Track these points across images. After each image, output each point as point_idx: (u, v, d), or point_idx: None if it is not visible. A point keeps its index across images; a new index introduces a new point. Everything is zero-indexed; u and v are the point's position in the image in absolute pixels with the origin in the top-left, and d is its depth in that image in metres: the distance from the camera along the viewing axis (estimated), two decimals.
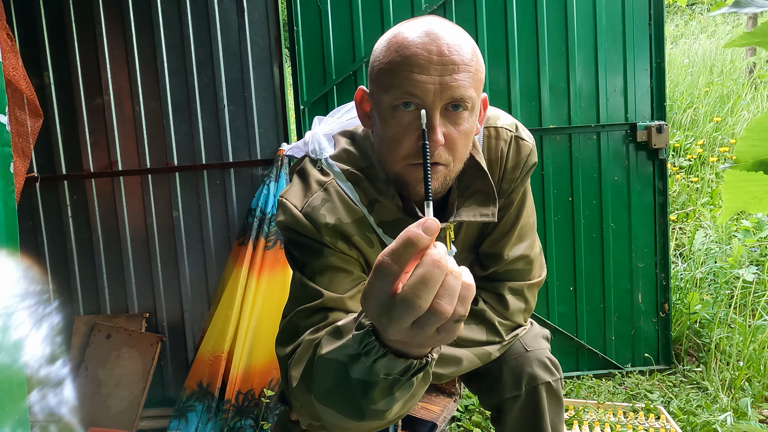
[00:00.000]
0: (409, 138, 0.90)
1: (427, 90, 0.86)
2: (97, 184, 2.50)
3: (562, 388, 1.16)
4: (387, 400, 0.68)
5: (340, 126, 1.13)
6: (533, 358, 1.14)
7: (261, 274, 2.31)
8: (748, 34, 0.61)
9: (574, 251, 2.46)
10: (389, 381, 0.66)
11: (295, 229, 0.99)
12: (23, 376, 0.99)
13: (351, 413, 0.72)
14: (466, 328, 1.11)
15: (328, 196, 1.00)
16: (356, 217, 1.00)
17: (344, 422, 0.75)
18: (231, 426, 2.21)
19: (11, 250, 1.00)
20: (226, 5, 2.41)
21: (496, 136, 1.09)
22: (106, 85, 2.46)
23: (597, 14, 2.38)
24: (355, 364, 0.67)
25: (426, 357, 0.66)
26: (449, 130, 0.90)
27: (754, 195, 0.69)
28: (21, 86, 1.90)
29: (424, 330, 0.57)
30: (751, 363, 2.29)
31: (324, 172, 1.03)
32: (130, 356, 2.38)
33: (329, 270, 0.97)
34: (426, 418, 2.01)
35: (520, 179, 1.11)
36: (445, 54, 0.86)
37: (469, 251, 1.18)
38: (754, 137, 0.64)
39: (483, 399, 1.22)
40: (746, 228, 3.09)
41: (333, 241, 0.98)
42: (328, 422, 0.78)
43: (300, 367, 0.85)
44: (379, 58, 0.92)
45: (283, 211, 1.00)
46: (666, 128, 2.39)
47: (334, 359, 0.71)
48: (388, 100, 0.89)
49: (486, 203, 1.02)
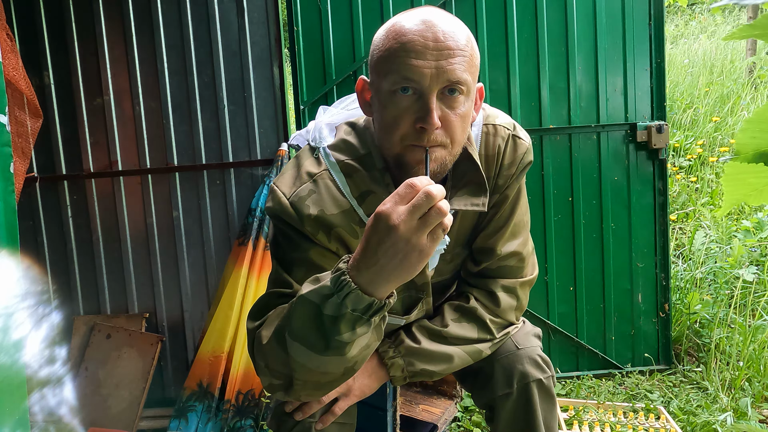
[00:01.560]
0: (407, 121, 0.93)
1: (423, 74, 0.90)
2: (97, 184, 2.50)
3: (554, 386, 1.17)
4: (349, 333, 0.82)
5: (344, 116, 1.15)
6: (524, 356, 1.15)
7: (261, 274, 2.31)
8: (747, 27, 0.61)
9: (574, 251, 2.46)
10: (354, 316, 0.80)
11: (281, 216, 1.03)
12: (23, 376, 1.00)
13: (317, 346, 0.85)
14: (457, 326, 1.14)
15: (315, 188, 1.03)
16: (342, 209, 1.03)
17: (309, 358, 0.86)
18: (231, 426, 2.21)
19: (11, 250, 1.01)
20: (226, 5, 2.41)
21: (494, 133, 1.12)
22: (106, 85, 2.46)
23: (597, 14, 2.38)
24: (328, 301, 0.81)
25: (385, 300, 0.82)
26: (445, 113, 0.93)
27: (754, 187, 0.70)
28: (21, 86, 1.90)
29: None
30: (751, 363, 2.29)
31: (318, 162, 1.06)
32: (130, 356, 2.38)
33: (306, 264, 1.02)
34: (426, 420, 2.01)
35: (515, 176, 1.13)
36: (440, 40, 0.91)
37: (463, 247, 1.19)
38: (754, 129, 0.64)
39: (476, 397, 1.23)
40: (746, 228, 3.09)
41: (313, 231, 1.02)
42: (294, 363, 0.88)
43: (271, 328, 0.93)
44: (378, 46, 0.96)
45: (273, 198, 1.05)
46: (666, 128, 2.39)
47: (310, 300, 0.84)
48: (387, 85, 0.93)
49: (478, 193, 1.05)
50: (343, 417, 1.12)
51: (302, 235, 1.03)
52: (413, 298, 1.17)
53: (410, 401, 2.13)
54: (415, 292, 1.16)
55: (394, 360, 1.11)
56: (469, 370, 1.21)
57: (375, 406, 1.48)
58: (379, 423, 1.50)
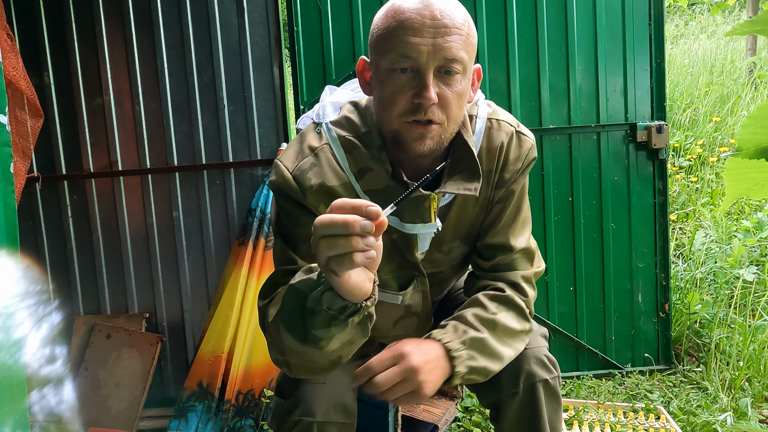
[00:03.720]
0: (405, 96, 0.95)
1: (420, 51, 0.92)
2: (97, 184, 2.50)
3: (559, 387, 1.17)
4: (324, 330, 0.84)
5: (349, 97, 1.17)
6: (531, 356, 1.14)
7: (261, 274, 2.31)
8: (748, 22, 0.62)
9: (574, 251, 2.46)
10: (329, 314, 0.82)
11: (285, 190, 1.05)
12: (23, 376, 1.00)
13: (297, 334, 0.88)
14: (504, 315, 1.10)
15: (317, 161, 1.06)
16: (342, 182, 1.06)
17: (293, 344, 0.91)
18: (231, 426, 2.21)
19: (11, 250, 1.01)
20: (226, 5, 2.41)
21: (498, 127, 1.13)
22: (106, 85, 2.46)
23: (597, 14, 2.38)
24: (311, 294, 0.84)
25: (362, 303, 0.82)
26: (442, 90, 0.95)
27: (756, 182, 0.71)
28: (21, 86, 1.90)
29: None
30: (751, 363, 2.29)
31: (320, 137, 1.09)
32: (130, 356, 2.38)
33: (307, 242, 1.03)
34: (428, 420, 2.01)
35: (521, 171, 1.15)
36: (437, 18, 0.93)
37: (461, 240, 1.20)
38: (755, 125, 0.65)
39: (482, 397, 1.23)
40: (746, 228, 3.09)
41: (315, 204, 1.04)
42: (285, 346, 0.93)
43: (277, 306, 0.96)
44: (377, 26, 0.99)
45: (276, 172, 1.07)
46: (666, 128, 2.39)
47: (299, 289, 0.88)
48: (385, 63, 0.96)
49: (471, 179, 1.06)
50: (343, 417, 1.12)
51: (305, 208, 1.05)
52: (408, 276, 1.18)
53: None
54: (409, 269, 1.18)
55: (459, 353, 1.02)
56: None
57: (376, 405, 1.48)
58: (381, 423, 1.50)
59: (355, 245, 0.70)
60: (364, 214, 0.70)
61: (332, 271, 0.74)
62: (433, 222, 1.09)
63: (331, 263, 0.73)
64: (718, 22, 7.79)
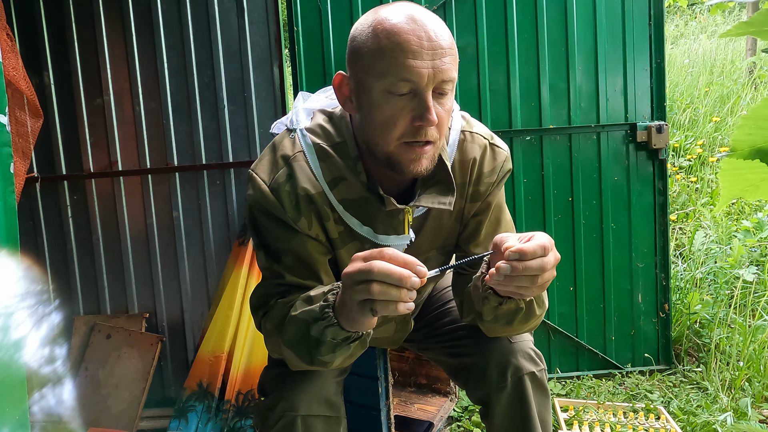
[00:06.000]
0: (404, 120, 0.95)
1: (421, 75, 0.92)
2: (97, 184, 2.50)
3: (546, 379, 1.19)
4: (330, 355, 0.94)
5: (323, 104, 1.18)
6: (518, 350, 1.16)
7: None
8: (743, 24, 0.62)
9: (574, 251, 2.46)
10: (334, 343, 0.92)
11: (263, 205, 1.06)
12: (23, 376, 0.99)
13: (304, 358, 0.98)
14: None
15: (291, 171, 1.06)
16: (316, 190, 1.07)
17: (299, 362, 1.01)
18: (231, 426, 2.21)
19: (11, 250, 1.00)
20: (226, 5, 2.41)
21: (471, 140, 1.14)
22: (106, 85, 2.46)
23: (597, 14, 2.38)
24: (314, 325, 0.92)
25: (363, 332, 0.92)
26: (437, 110, 0.96)
27: (750, 182, 0.70)
28: (21, 86, 1.90)
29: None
30: (751, 363, 2.29)
31: (293, 143, 1.09)
32: (130, 356, 2.38)
33: (292, 253, 1.07)
34: (422, 418, 2.01)
35: (496, 183, 1.15)
36: (433, 39, 0.93)
37: (440, 251, 1.20)
38: (750, 126, 0.65)
39: (470, 392, 1.24)
40: (746, 228, 3.09)
41: (294, 217, 1.05)
42: (289, 361, 1.04)
43: (274, 321, 1.04)
44: (367, 45, 0.95)
45: (252, 186, 1.07)
46: (666, 128, 2.38)
47: (302, 319, 0.95)
48: (381, 85, 0.94)
49: (445, 193, 1.06)
50: (327, 410, 1.13)
51: (284, 223, 1.06)
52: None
53: (405, 401, 2.13)
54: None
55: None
56: (462, 365, 1.23)
57: (368, 406, 1.48)
58: (373, 423, 1.50)
59: (403, 297, 0.80)
60: (415, 272, 0.80)
61: (372, 310, 0.82)
62: (407, 234, 1.10)
63: (376, 305, 0.81)
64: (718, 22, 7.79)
